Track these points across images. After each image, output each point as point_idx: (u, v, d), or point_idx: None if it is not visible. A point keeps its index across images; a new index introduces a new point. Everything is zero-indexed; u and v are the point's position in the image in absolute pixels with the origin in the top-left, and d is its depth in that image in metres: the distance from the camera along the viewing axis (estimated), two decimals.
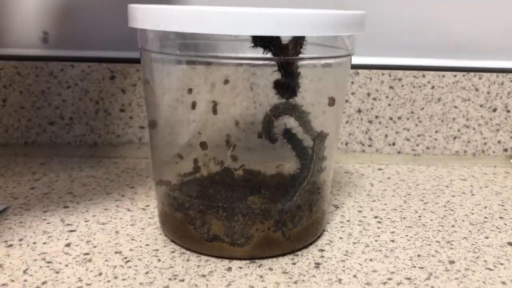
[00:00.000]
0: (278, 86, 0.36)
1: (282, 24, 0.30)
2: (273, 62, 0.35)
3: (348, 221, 0.42)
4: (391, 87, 0.57)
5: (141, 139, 0.57)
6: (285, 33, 0.31)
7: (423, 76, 0.57)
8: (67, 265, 0.34)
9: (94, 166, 0.53)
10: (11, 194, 0.45)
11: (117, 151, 0.57)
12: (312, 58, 0.36)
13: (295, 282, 0.33)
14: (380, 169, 0.56)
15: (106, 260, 0.35)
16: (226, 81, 0.40)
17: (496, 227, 0.42)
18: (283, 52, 0.34)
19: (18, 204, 0.43)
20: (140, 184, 0.49)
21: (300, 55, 0.35)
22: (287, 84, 0.36)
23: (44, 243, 0.37)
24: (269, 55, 0.34)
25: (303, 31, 0.31)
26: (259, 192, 0.36)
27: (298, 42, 0.35)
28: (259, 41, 0.33)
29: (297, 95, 0.36)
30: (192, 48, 0.37)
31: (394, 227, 0.41)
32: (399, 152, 0.59)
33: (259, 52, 0.34)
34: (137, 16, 0.33)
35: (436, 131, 0.58)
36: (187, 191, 0.36)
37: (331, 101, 0.36)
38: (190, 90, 0.40)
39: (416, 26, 0.57)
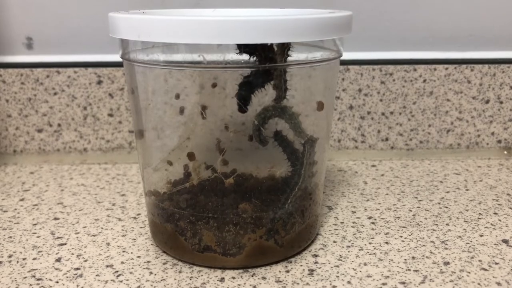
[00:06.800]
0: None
1: (266, 31, 0.29)
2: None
3: (341, 223, 0.42)
4: (382, 82, 0.56)
5: (131, 143, 0.57)
6: (270, 40, 0.30)
7: (415, 70, 0.56)
8: (57, 282, 0.33)
9: (84, 173, 0.53)
10: (0, 207, 0.45)
11: (107, 157, 0.56)
12: (300, 64, 0.35)
13: None
14: (373, 165, 0.55)
15: (97, 275, 0.34)
16: (214, 84, 0.39)
17: (491, 224, 0.41)
18: (270, 57, 0.33)
19: (8, 218, 0.43)
20: (131, 191, 0.48)
21: (288, 59, 0.35)
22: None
23: (34, 258, 0.36)
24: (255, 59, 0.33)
25: (288, 38, 0.30)
26: (250, 198, 0.36)
27: (285, 45, 0.34)
28: (244, 48, 0.32)
29: (285, 98, 0.36)
30: (176, 50, 0.36)
31: (388, 228, 0.41)
32: (392, 148, 0.58)
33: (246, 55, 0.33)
34: (118, 26, 0.32)
35: (429, 125, 0.58)
36: (177, 201, 0.36)
37: (320, 106, 0.36)
38: (177, 96, 0.39)
39: (405, 19, 0.57)
